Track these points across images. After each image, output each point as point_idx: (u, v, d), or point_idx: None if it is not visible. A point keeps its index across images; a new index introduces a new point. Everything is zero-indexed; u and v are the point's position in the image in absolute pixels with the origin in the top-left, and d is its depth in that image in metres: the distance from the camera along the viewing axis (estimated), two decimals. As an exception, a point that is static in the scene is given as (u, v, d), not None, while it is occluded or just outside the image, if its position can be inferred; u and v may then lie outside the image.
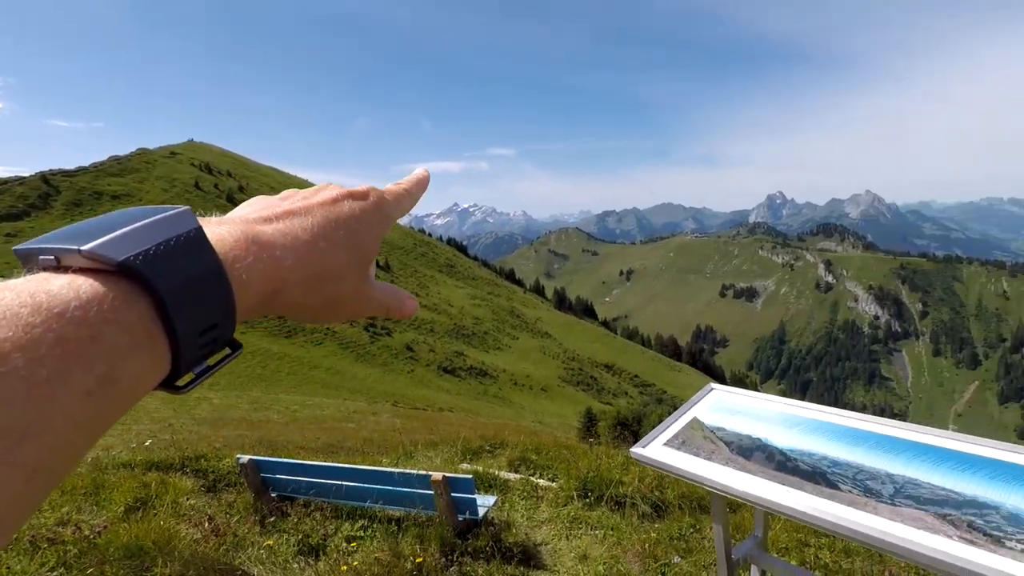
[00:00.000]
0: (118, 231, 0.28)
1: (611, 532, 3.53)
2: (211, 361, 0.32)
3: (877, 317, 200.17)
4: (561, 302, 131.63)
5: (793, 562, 2.97)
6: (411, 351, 55.97)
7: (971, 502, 1.01)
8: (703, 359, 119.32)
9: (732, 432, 1.41)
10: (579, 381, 67.33)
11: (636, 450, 1.39)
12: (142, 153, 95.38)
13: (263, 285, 0.34)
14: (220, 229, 0.33)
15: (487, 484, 4.22)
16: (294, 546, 3.37)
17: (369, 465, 4.21)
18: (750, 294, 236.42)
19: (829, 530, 1.03)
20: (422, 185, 0.53)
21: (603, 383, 69.96)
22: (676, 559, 3.14)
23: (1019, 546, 0.87)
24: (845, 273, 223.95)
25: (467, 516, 3.34)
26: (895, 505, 1.05)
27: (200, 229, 0.31)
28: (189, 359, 0.29)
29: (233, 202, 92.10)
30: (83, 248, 0.26)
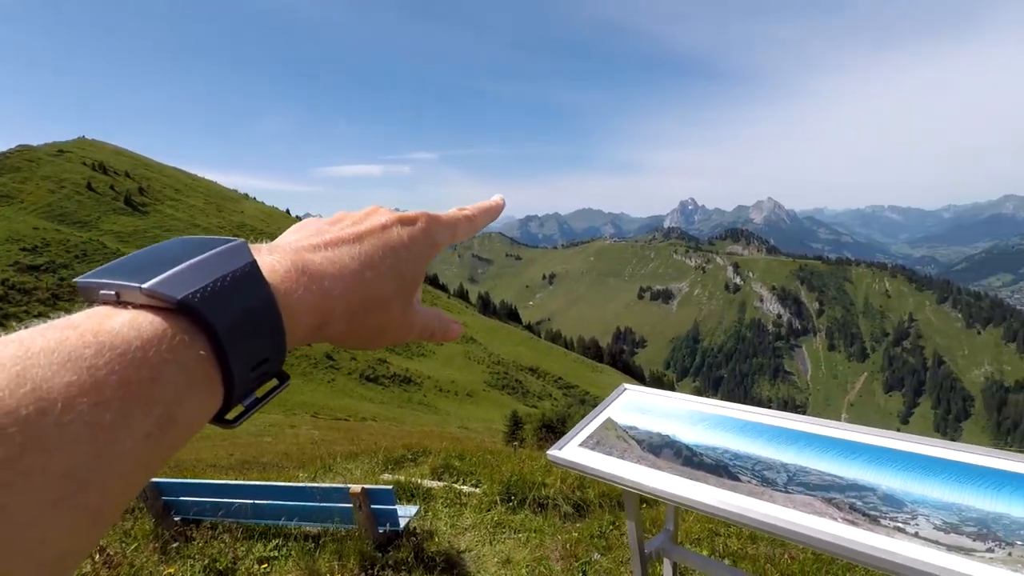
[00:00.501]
0: (177, 267, 0.28)
1: (534, 534, 3.56)
2: (259, 393, 0.32)
3: (780, 316, 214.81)
4: (485, 306, 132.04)
5: (704, 552, 3.11)
6: (331, 360, 54.20)
7: (852, 485, 1.09)
8: (623, 360, 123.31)
9: (643, 430, 1.45)
10: (504, 385, 67.71)
11: (553, 452, 1.41)
12: (24, 150, 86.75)
13: (312, 317, 0.34)
14: (271, 259, 0.33)
15: (409, 494, 4.14)
16: (200, 572, 3.15)
17: (284, 481, 4.02)
18: (666, 296, 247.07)
19: (731, 520, 1.08)
20: (491, 214, 0.52)
21: (528, 386, 70.74)
22: (596, 556, 3.21)
23: (891, 524, 0.95)
24: (751, 275, 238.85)
25: (388, 528, 3.25)
26: (788, 492, 1.11)
27: (255, 264, 0.31)
28: (240, 393, 0.30)
29: (132, 205, 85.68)
30: (144, 286, 0.26)
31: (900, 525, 0.95)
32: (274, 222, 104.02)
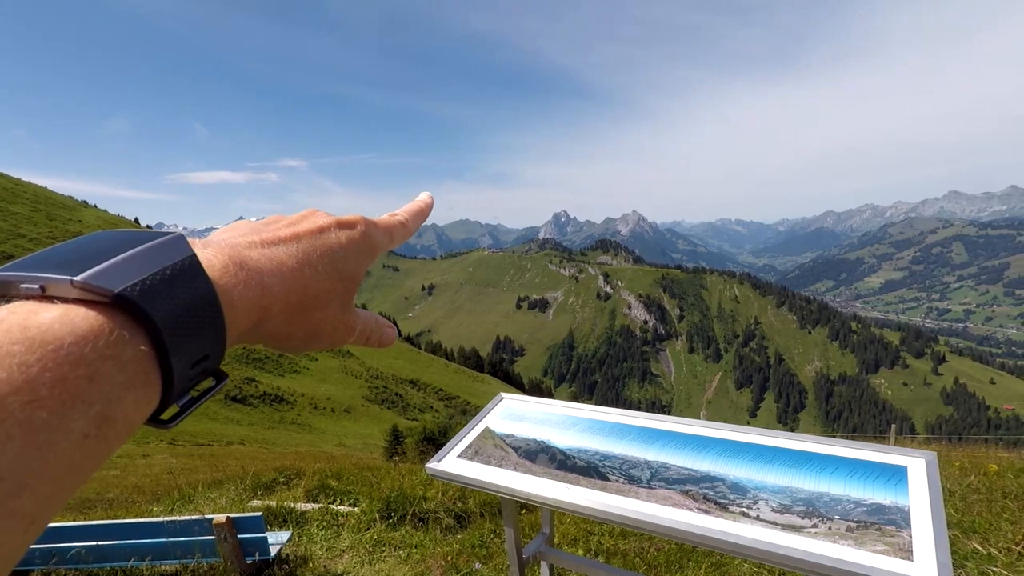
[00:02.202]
0: (112, 259, 0.26)
1: (415, 550, 3.49)
2: (194, 392, 0.30)
3: (646, 322, 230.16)
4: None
5: (580, 552, 3.25)
6: (190, 381, 49.38)
7: (706, 477, 1.19)
8: (503, 368, 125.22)
9: (520, 437, 1.51)
10: (384, 399, 65.89)
11: (431, 466, 1.43)
12: None
13: (251, 313, 0.33)
14: (207, 253, 0.32)
15: (281, 519, 3.88)
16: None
17: (135, 517, 3.59)
18: (542, 305, 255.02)
19: (601, 518, 1.15)
20: (422, 216, 0.51)
21: (408, 399, 69.42)
22: (477, 566, 3.23)
23: (738, 509, 1.06)
24: (620, 283, 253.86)
25: (257, 558, 3.01)
26: (651, 488, 1.20)
27: (195, 257, 0.30)
28: (179, 392, 0.28)
29: (-67, 208, 72.20)
30: (76, 279, 0.24)
31: (744, 510, 1.05)
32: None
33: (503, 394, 1.82)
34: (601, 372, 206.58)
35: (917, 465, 1.10)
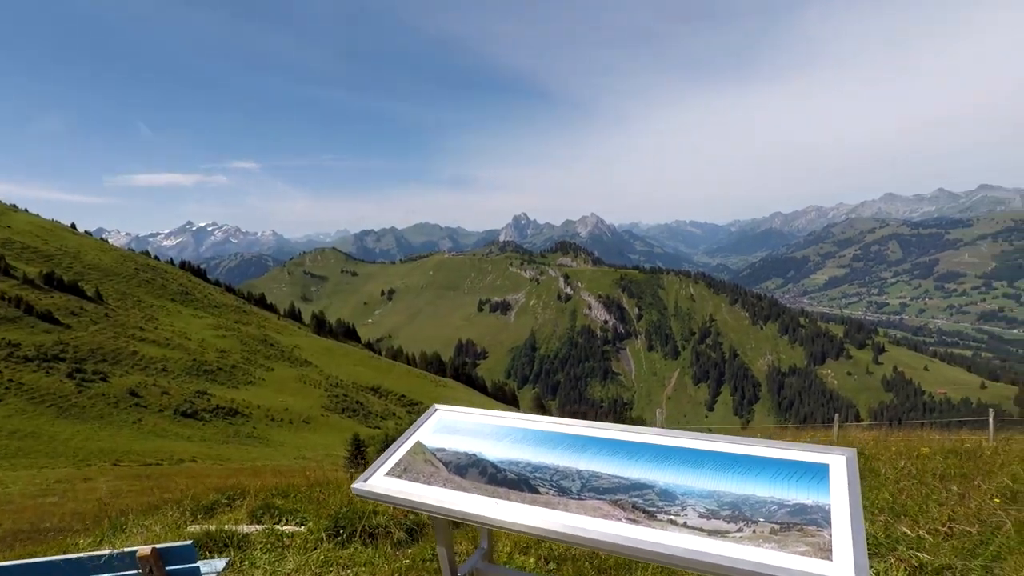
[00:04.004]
0: None
1: (364, 568, 3.39)
2: None
3: (606, 322, 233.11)
4: (320, 326, 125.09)
5: (532, 560, 3.22)
6: (137, 396, 47.31)
7: (636, 485, 1.19)
8: (466, 372, 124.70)
9: (451, 451, 1.47)
10: (344, 408, 64.61)
11: (357, 486, 1.38)
12: None
13: None
14: None
15: (221, 544, 3.68)
16: None
17: (57, 552, 3.35)
18: (504, 307, 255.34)
19: (531, 533, 1.14)
20: None
21: (370, 407, 68.29)
22: (427, 581, 3.16)
23: (666, 517, 1.06)
24: (580, 285, 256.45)
25: (191, 589, 2.84)
26: (581, 499, 1.19)
27: None
28: None
29: None
30: None
31: (672, 517, 1.06)
32: (56, 238, 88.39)
33: (437, 406, 1.80)
34: (564, 372, 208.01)
35: (838, 462, 1.11)
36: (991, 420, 10.17)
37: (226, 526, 4.02)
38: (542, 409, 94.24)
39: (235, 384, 63.10)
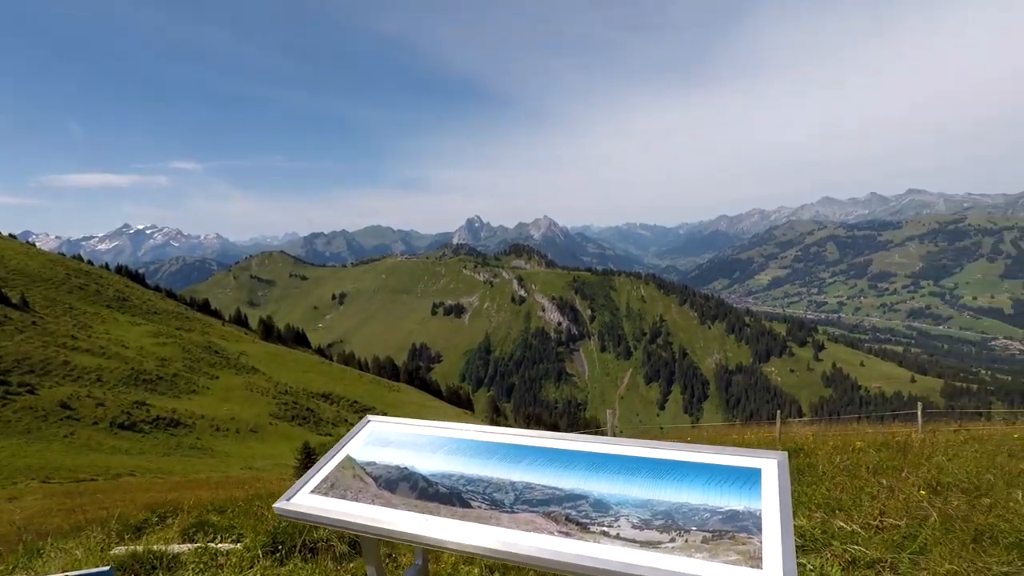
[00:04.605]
0: None
1: (303, 584, 3.29)
2: None
3: (560, 323, 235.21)
4: (268, 332, 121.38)
5: (477, 571, 3.15)
6: (69, 409, 44.66)
7: (570, 496, 1.16)
8: (420, 376, 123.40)
9: (382, 465, 1.43)
10: (294, 415, 62.86)
11: (280, 505, 1.31)
12: None
13: None
14: None
15: (148, 567, 3.46)
16: None
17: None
18: (458, 310, 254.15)
19: (461, 551, 1.10)
20: None
21: (321, 414, 66.68)
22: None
23: (598, 529, 1.03)
24: (534, 287, 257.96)
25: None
26: (514, 512, 1.15)
27: None
28: None
29: None
30: None
31: (605, 529, 1.03)
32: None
33: (370, 417, 1.78)
34: (518, 375, 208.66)
35: (770, 466, 1.10)
36: (919, 413, 10.80)
37: (154, 546, 3.80)
38: (497, 412, 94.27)
39: (177, 393, 60.44)
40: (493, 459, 1.34)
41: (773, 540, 0.91)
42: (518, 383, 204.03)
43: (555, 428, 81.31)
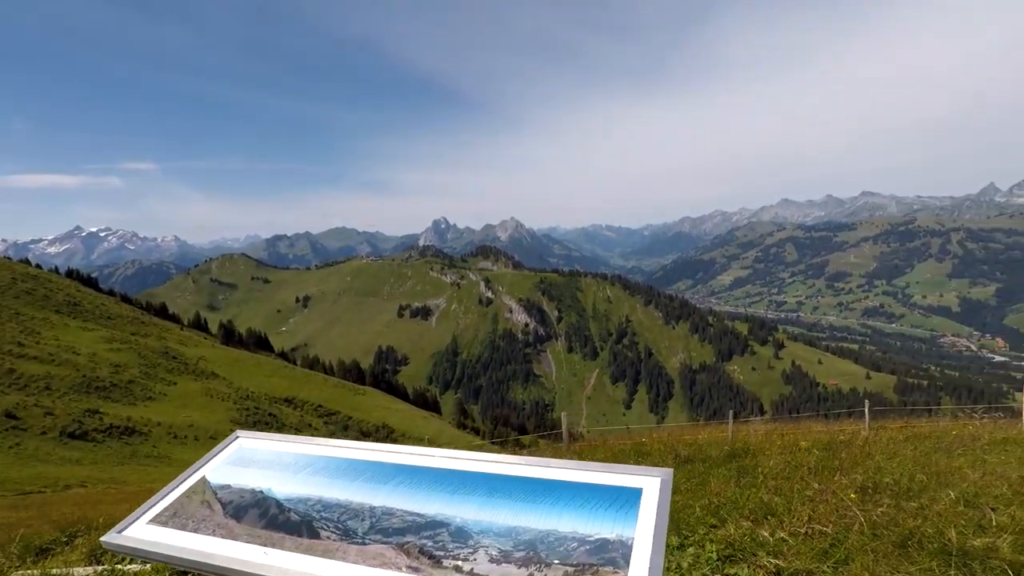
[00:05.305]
0: None
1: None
2: None
3: (527, 325, 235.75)
4: (229, 336, 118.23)
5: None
6: (15, 419, 42.53)
7: (431, 523, 1.05)
8: (386, 379, 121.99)
9: (237, 488, 1.26)
10: (256, 421, 61.29)
11: (108, 538, 1.14)
12: None
13: None
14: None
15: None
16: None
17: None
18: (425, 312, 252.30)
19: None
20: None
21: (284, 419, 65.19)
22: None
23: (452, 563, 0.93)
24: (501, 288, 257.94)
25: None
26: (365, 544, 1.05)
27: None
28: None
29: None
30: None
31: (460, 563, 0.94)
32: (-86, 246, 78.52)
33: (239, 432, 1.63)
34: (486, 376, 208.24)
35: (652, 486, 1.00)
36: (867, 411, 11.23)
37: (53, 571, 3.51)
38: (464, 414, 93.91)
39: (132, 401, 58.24)
40: (359, 479, 1.20)
41: (641, 573, 0.83)
42: (486, 385, 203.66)
43: (523, 429, 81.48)
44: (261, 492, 1.21)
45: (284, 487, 1.21)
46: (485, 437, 63.17)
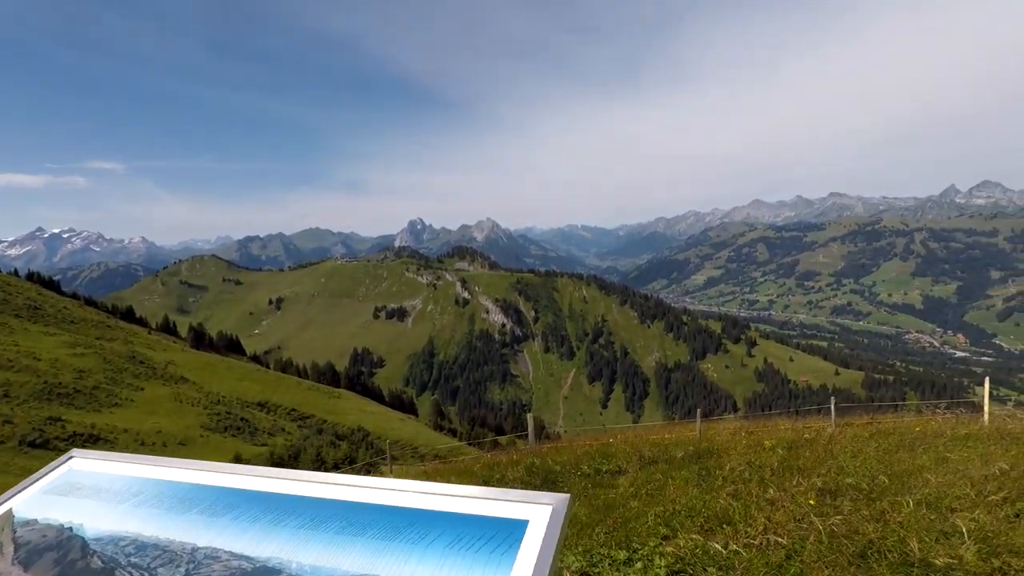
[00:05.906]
0: None
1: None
2: None
3: (504, 325, 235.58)
4: (199, 340, 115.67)
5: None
6: (-31, 428, 40.99)
7: (260, 570, 0.88)
8: (362, 382, 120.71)
9: (43, 525, 1.02)
10: (227, 426, 59.97)
11: None
12: None
13: None
14: None
15: None
16: None
17: None
18: (401, 314, 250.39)
19: None
20: None
21: (256, 423, 63.93)
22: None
23: None
24: (477, 289, 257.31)
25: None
26: None
27: None
28: None
29: None
30: None
31: None
32: None
33: (75, 452, 1.33)
34: (463, 378, 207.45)
35: (541, 516, 0.82)
36: (832, 408, 11.32)
37: None
38: (441, 415, 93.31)
39: (97, 407, 56.48)
40: (194, 510, 0.98)
41: None
42: (463, 386, 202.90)
43: (500, 430, 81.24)
44: (70, 529, 0.98)
45: (99, 522, 0.97)
46: (462, 438, 62.80)
